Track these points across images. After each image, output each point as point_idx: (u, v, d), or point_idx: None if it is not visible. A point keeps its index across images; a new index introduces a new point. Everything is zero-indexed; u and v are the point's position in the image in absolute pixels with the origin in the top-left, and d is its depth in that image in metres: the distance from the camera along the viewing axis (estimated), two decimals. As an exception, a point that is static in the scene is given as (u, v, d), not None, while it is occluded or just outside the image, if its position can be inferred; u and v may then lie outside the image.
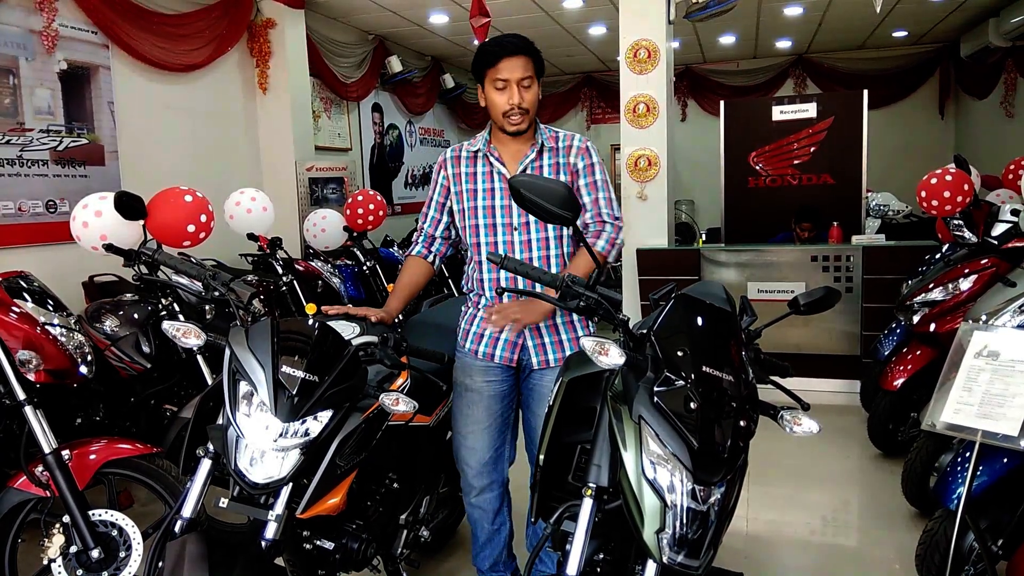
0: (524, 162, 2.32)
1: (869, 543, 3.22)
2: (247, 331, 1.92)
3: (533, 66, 2.24)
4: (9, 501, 2.28)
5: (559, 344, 2.37)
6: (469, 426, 2.43)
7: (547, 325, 2.36)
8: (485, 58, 2.24)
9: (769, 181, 6.07)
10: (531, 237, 2.32)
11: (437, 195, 2.46)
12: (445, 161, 2.43)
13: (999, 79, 8.59)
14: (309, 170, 6.70)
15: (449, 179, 2.42)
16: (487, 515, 2.51)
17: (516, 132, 2.29)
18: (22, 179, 4.42)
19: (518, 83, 2.22)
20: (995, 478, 2.25)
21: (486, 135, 2.38)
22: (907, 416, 3.86)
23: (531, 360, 2.37)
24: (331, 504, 1.99)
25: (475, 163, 2.37)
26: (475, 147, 2.38)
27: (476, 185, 2.36)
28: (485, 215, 2.34)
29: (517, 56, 2.21)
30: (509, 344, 2.37)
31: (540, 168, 2.33)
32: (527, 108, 2.25)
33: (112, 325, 3.41)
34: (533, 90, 2.26)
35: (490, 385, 2.40)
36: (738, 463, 1.57)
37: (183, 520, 1.91)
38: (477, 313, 2.43)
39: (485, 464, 2.44)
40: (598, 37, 8.78)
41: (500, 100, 2.24)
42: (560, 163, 2.34)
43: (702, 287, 1.86)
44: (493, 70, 2.22)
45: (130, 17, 5.08)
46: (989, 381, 2.11)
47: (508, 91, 2.23)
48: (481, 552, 2.57)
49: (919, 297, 3.76)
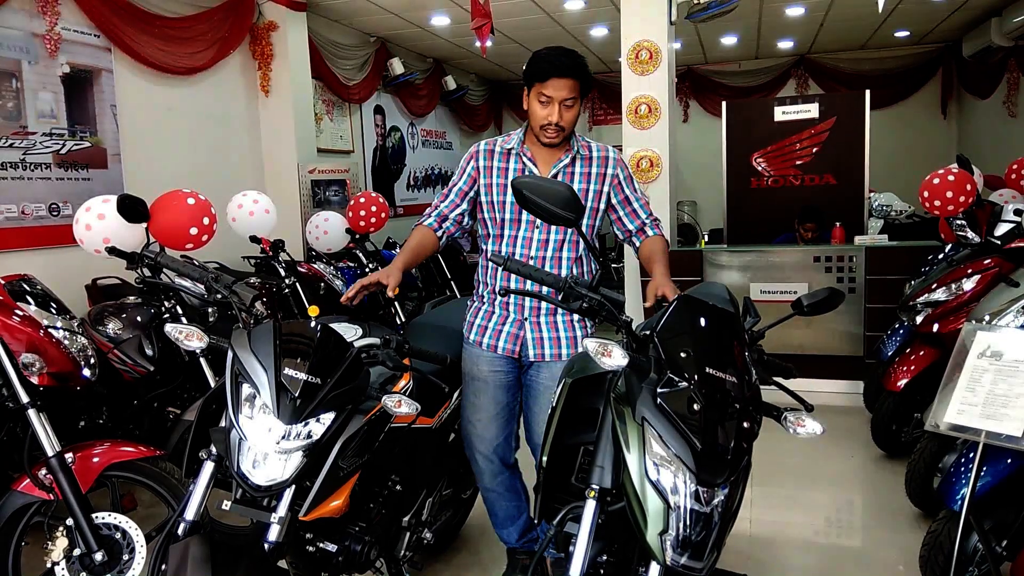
0: (557, 167, 2.39)
1: (873, 544, 3.21)
2: (250, 333, 1.93)
3: (579, 87, 2.28)
4: (13, 504, 2.28)
5: (556, 341, 2.42)
6: (477, 414, 2.51)
7: (548, 321, 2.42)
8: (536, 70, 2.28)
9: (771, 182, 6.06)
10: (549, 236, 2.38)
11: (463, 183, 2.49)
12: (478, 152, 2.47)
13: (1002, 79, 8.58)
14: (311, 172, 6.71)
15: (479, 170, 2.46)
16: (502, 496, 2.58)
17: (549, 145, 2.36)
18: (25, 182, 4.43)
19: (561, 102, 2.27)
20: (999, 479, 2.24)
21: (520, 135, 2.43)
22: (910, 417, 3.84)
23: (528, 353, 2.44)
24: (334, 506, 1.99)
25: (508, 159, 2.43)
26: (509, 144, 2.43)
27: (506, 180, 2.40)
28: (511, 210, 2.39)
29: (567, 78, 2.25)
30: (511, 336, 2.44)
31: (572, 175, 2.39)
32: (564, 127, 2.31)
33: (115, 328, 3.41)
34: (574, 110, 2.31)
35: (495, 375, 2.47)
36: (741, 464, 1.57)
37: (186, 522, 1.91)
38: (483, 306, 2.50)
39: (495, 450, 2.52)
40: (600, 38, 8.78)
41: (541, 113, 2.30)
42: (592, 172, 2.41)
43: (705, 288, 1.87)
44: (541, 84, 2.27)
45: (132, 20, 5.09)
46: (992, 382, 2.10)
47: (550, 107, 2.28)
48: (504, 528, 2.63)
49: (922, 297, 3.75)
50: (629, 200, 2.46)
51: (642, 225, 2.47)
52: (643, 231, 2.47)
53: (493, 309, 2.48)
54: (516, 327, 2.43)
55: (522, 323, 2.43)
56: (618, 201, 2.46)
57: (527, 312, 2.43)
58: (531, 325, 2.43)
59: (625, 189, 2.45)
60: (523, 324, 2.43)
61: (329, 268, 5.60)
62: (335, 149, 7.80)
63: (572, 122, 2.33)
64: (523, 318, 2.43)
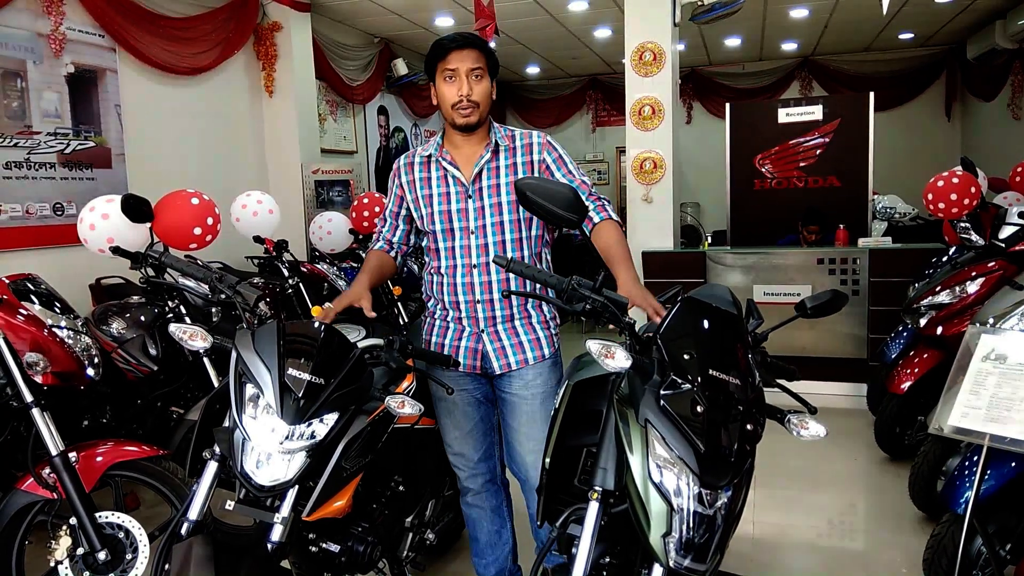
0: (479, 164, 2.24)
1: (876, 547, 3.20)
2: (253, 334, 1.93)
3: (485, 60, 2.18)
4: (16, 503, 2.28)
5: (519, 346, 2.29)
6: (451, 433, 2.40)
7: (505, 328, 2.29)
8: (435, 52, 2.17)
9: (775, 183, 6.05)
10: (487, 241, 2.24)
11: (392, 204, 2.39)
12: (399, 169, 2.35)
13: (1006, 81, 8.57)
14: (315, 173, 6.71)
15: (403, 187, 2.34)
16: (485, 513, 2.47)
17: (466, 126, 2.20)
18: (29, 182, 4.44)
19: (467, 73, 2.15)
20: (1003, 482, 2.23)
21: (439, 139, 2.30)
22: (914, 419, 3.84)
23: (492, 366, 2.30)
24: (337, 507, 1.99)
25: (428, 168, 2.30)
26: (428, 151, 2.30)
27: (431, 190, 2.28)
28: (441, 220, 2.27)
29: (466, 49, 2.15)
30: (470, 351, 2.31)
31: (497, 169, 2.25)
32: (476, 101, 2.17)
33: (119, 327, 3.42)
34: (484, 84, 2.18)
35: (461, 395, 2.35)
36: (745, 467, 1.57)
37: (189, 522, 1.92)
38: (435, 322, 2.38)
39: (475, 465, 2.41)
40: (603, 40, 8.78)
41: (449, 92, 2.17)
42: (519, 162, 2.25)
43: (708, 290, 1.86)
44: (443, 62, 2.16)
45: (137, 20, 5.10)
46: (997, 384, 2.10)
47: (457, 81, 2.15)
48: (484, 558, 2.52)
49: (926, 300, 3.74)
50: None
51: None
52: (588, 216, 2.20)
53: (447, 324, 2.34)
54: (474, 341, 2.29)
55: (479, 335, 2.29)
56: None
57: (483, 324, 2.28)
58: (489, 336, 2.28)
59: (555, 173, 2.25)
60: (480, 337, 2.29)
61: (332, 268, 5.60)
62: (339, 149, 7.81)
63: (485, 96, 2.19)
64: (479, 330, 2.29)
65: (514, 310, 2.29)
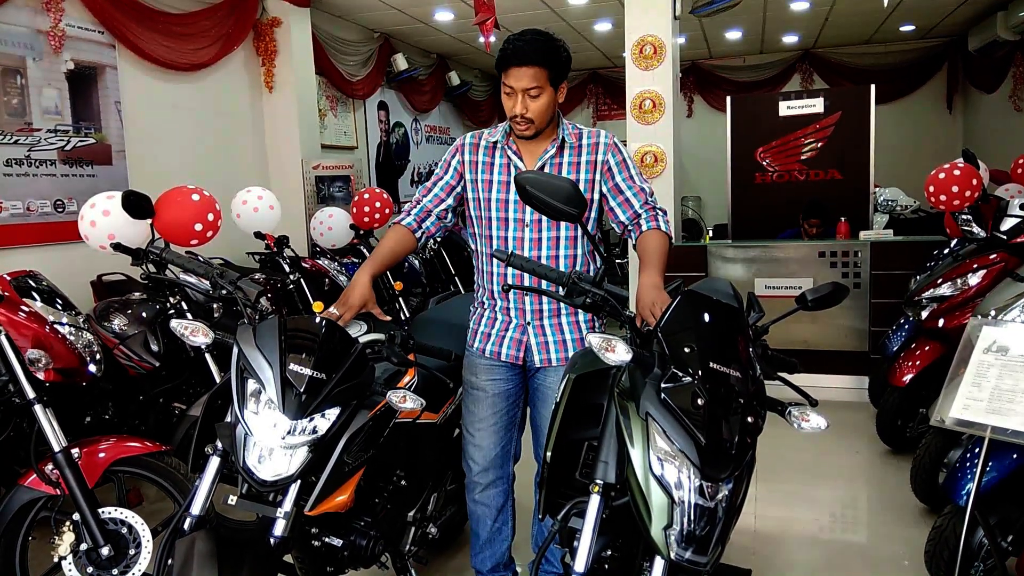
0: (543, 158, 2.25)
1: (878, 539, 3.21)
2: (255, 329, 1.94)
3: (546, 75, 2.13)
4: (19, 499, 2.29)
5: (562, 344, 2.31)
6: (475, 424, 2.42)
7: (552, 324, 2.31)
8: (499, 59, 2.17)
9: (776, 177, 6.05)
10: (541, 235, 2.25)
11: (449, 176, 2.36)
12: (463, 146, 2.35)
13: (1008, 73, 8.54)
14: (315, 168, 6.71)
15: (464, 165, 2.34)
16: (490, 512, 2.49)
17: (522, 138, 2.24)
18: (30, 179, 4.44)
19: (524, 92, 2.13)
20: (1005, 474, 2.23)
21: (507, 127, 2.28)
22: (916, 412, 3.84)
23: (533, 359, 2.33)
24: (339, 501, 2.00)
25: (493, 154, 2.30)
26: (494, 137, 2.31)
27: (492, 176, 2.29)
28: (498, 208, 2.28)
29: (524, 67, 2.11)
30: (515, 342, 2.33)
31: (559, 165, 2.25)
32: (533, 119, 2.16)
33: (120, 324, 3.42)
34: (542, 99, 2.15)
35: (495, 383, 2.38)
36: (746, 459, 1.57)
37: (192, 517, 1.92)
38: (484, 312, 2.40)
39: (491, 461, 2.43)
40: (604, 33, 8.76)
41: (507, 105, 2.18)
42: (582, 161, 2.26)
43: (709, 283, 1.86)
44: (504, 73, 2.15)
45: (137, 17, 5.10)
46: (998, 376, 2.10)
47: (514, 98, 2.15)
48: (481, 552, 2.54)
49: (927, 292, 3.74)
50: (620, 189, 2.26)
51: (635, 217, 2.25)
52: (638, 224, 2.25)
53: (495, 315, 2.36)
54: (519, 332, 2.32)
55: (525, 328, 2.31)
56: (608, 190, 2.27)
57: (529, 316, 2.30)
58: (535, 330, 2.31)
59: (616, 176, 2.26)
60: (526, 329, 2.31)
61: (333, 264, 5.61)
62: (339, 145, 7.80)
63: (542, 112, 2.16)
64: (526, 323, 2.31)
65: (560, 305, 2.29)
